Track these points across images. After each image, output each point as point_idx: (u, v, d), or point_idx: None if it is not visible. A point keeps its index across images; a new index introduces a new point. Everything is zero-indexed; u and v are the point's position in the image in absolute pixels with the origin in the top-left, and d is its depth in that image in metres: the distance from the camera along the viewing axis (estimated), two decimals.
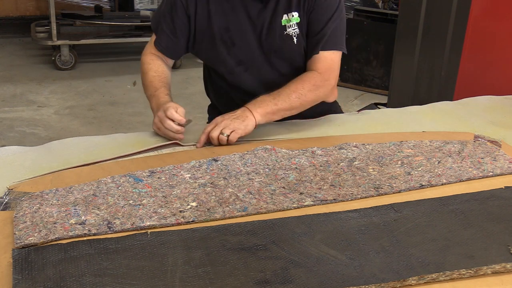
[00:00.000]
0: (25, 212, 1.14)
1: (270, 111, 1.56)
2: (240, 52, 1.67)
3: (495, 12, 2.57)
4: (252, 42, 1.66)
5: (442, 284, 0.98)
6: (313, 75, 1.64)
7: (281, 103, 1.57)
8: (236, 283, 0.95)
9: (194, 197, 1.22)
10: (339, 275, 0.97)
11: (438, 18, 2.82)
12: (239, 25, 1.64)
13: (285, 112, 1.59)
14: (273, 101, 1.56)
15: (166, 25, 1.69)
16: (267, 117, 1.56)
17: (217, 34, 1.65)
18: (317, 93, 1.63)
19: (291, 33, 1.64)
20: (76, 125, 3.70)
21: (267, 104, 1.56)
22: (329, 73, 1.66)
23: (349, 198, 1.25)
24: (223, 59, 1.69)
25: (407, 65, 3.04)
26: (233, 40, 1.66)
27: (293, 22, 1.64)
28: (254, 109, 1.54)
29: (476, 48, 2.64)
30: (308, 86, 1.61)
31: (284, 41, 1.65)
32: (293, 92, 1.59)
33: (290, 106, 1.59)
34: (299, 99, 1.59)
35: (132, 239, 1.06)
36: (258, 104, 1.56)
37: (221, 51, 1.67)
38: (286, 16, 1.64)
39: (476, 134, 1.60)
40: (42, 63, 4.86)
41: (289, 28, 1.64)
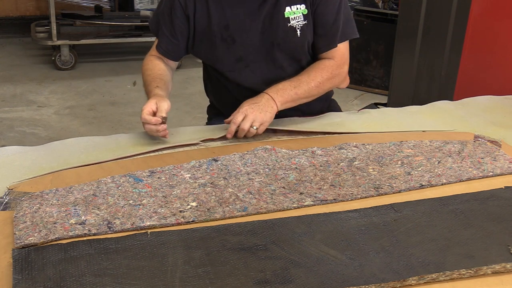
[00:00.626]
0: (25, 212, 1.14)
1: (290, 100, 1.60)
2: (241, 49, 1.67)
3: (495, 12, 2.57)
4: (253, 37, 1.65)
5: (442, 284, 0.98)
6: (330, 64, 1.68)
7: (301, 92, 1.61)
8: (236, 283, 0.95)
9: (194, 197, 1.22)
10: (339, 275, 0.97)
11: (438, 18, 2.82)
12: (239, 21, 1.64)
13: (303, 100, 1.64)
14: (294, 90, 1.60)
15: (166, 27, 1.69)
16: (287, 105, 1.60)
17: (217, 32, 1.65)
18: (334, 81, 1.69)
19: (294, 25, 1.64)
20: (76, 125, 3.70)
21: (288, 93, 1.59)
22: (344, 61, 1.71)
23: (349, 198, 1.25)
24: (222, 57, 1.68)
25: (407, 65, 3.04)
26: (233, 37, 1.65)
27: (298, 14, 1.64)
28: (276, 98, 1.57)
29: (476, 48, 2.63)
30: (326, 74, 1.66)
31: (287, 33, 1.65)
32: (312, 81, 1.63)
33: (309, 94, 1.64)
34: (318, 87, 1.64)
35: (132, 239, 1.06)
36: (280, 92, 1.58)
37: (221, 49, 1.67)
38: (290, 8, 1.64)
39: (476, 134, 1.60)
40: (42, 63, 4.86)
41: (293, 21, 1.64)
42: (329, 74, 1.66)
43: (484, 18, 2.60)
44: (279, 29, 1.64)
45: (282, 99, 1.57)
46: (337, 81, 1.71)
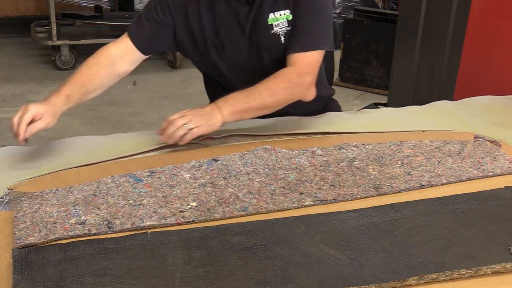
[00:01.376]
0: (25, 212, 1.14)
1: (241, 110, 1.50)
2: (231, 55, 1.64)
3: (495, 12, 2.57)
4: (241, 45, 1.63)
5: (442, 284, 0.98)
6: (289, 72, 1.57)
7: (252, 102, 1.51)
8: (236, 283, 0.95)
9: (194, 197, 1.22)
10: (339, 275, 0.97)
11: (438, 18, 2.82)
12: (228, 28, 1.62)
13: (257, 111, 1.54)
14: (244, 99, 1.51)
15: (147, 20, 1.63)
16: (237, 116, 1.51)
17: (208, 38, 1.63)
18: (292, 91, 1.56)
19: (278, 32, 1.60)
20: (76, 125, 3.70)
21: (238, 102, 1.51)
22: (307, 70, 1.58)
23: (349, 198, 1.25)
24: (214, 63, 1.66)
25: (407, 65, 3.04)
26: (223, 43, 1.63)
27: (281, 20, 1.59)
28: (223, 107, 1.49)
29: (476, 48, 2.64)
30: (282, 83, 1.54)
31: (271, 40, 1.61)
32: (265, 90, 1.52)
33: (262, 104, 1.53)
34: (271, 96, 1.52)
35: (132, 239, 1.06)
36: (229, 102, 1.50)
37: (212, 55, 1.65)
38: (273, 15, 1.58)
39: (476, 134, 1.60)
40: (42, 63, 4.86)
41: (276, 27, 1.59)
42: (285, 83, 1.54)
43: (484, 18, 2.60)
44: (263, 36, 1.61)
45: (231, 108, 1.48)
46: (297, 91, 1.57)
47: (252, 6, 1.60)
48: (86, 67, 1.59)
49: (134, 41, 1.63)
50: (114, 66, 1.62)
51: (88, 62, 1.61)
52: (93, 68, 1.59)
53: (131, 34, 1.64)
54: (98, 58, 1.61)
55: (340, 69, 4.64)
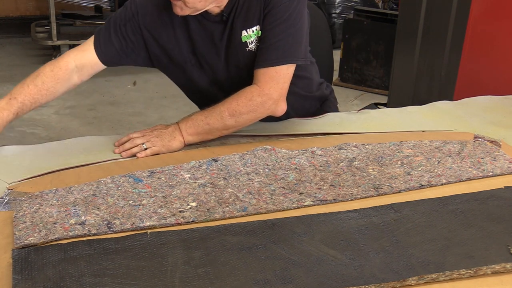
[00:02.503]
0: (25, 212, 1.14)
1: (202, 131, 1.50)
2: (210, 73, 1.61)
3: (495, 13, 2.57)
4: (219, 63, 1.59)
5: (442, 284, 0.98)
6: (251, 91, 1.51)
7: (213, 122, 1.49)
8: (236, 283, 0.95)
9: (194, 197, 1.22)
10: (339, 275, 0.97)
11: (438, 18, 2.82)
12: (204, 47, 1.57)
13: (222, 131, 1.51)
14: (205, 120, 1.49)
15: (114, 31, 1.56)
16: (200, 137, 1.50)
17: (187, 58, 1.59)
18: (255, 110, 1.50)
19: (253, 49, 1.54)
20: (76, 125, 3.70)
21: (199, 124, 1.49)
22: (270, 86, 1.50)
23: (349, 198, 1.25)
24: (195, 81, 1.63)
25: (407, 65, 3.04)
26: (200, 63, 1.59)
27: (254, 37, 1.53)
28: (185, 129, 1.49)
29: (476, 48, 2.64)
30: (243, 102, 1.49)
31: (247, 58, 1.55)
32: (226, 110, 1.48)
33: (224, 125, 1.50)
34: (233, 116, 1.48)
35: (132, 239, 1.06)
36: (190, 123, 1.49)
37: (192, 74, 1.62)
38: (246, 32, 1.53)
39: (476, 134, 1.60)
40: (42, 63, 4.83)
41: (251, 44, 1.54)
42: (246, 101, 1.49)
43: (484, 18, 2.60)
44: (238, 55, 1.56)
45: (192, 130, 1.49)
46: (261, 110, 1.51)
47: (225, 25, 1.54)
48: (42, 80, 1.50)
49: (99, 56, 1.56)
50: (72, 78, 1.56)
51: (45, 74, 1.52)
52: (49, 83, 1.51)
53: (97, 48, 1.56)
54: (57, 71, 1.53)
55: (340, 69, 4.64)
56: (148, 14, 1.55)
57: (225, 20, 1.54)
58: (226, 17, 1.53)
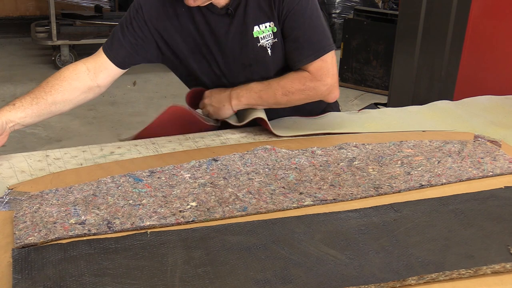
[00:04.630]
0: (25, 212, 1.14)
1: (254, 103, 1.59)
2: (217, 69, 1.62)
3: (495, 12, 2.57)
4: (226, 59, 1.60)
5: (442, 284, 0.98)
6: (304, 75, 1.57)
7: (266, 97, 1.57)
8: (236, 283, 0.95)
9: (194, 197, 1.22)
10: (339, 275, 0.97)
11: (438, 18, 2.82)
12: (209, 42, 1.58)
13: (271, 105, 1.61)
14: (258, 93, 1.57)
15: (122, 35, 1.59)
16: (250, 106, 1.60)
17: (191, 50, 1.59)
18: (308, 94, 1.57)
19: (265, 45, 1.57)
20: (76, 125, 3.70)
21: (251, 95, 1.58)
22: (321, 74, 1.57)
23: (349, 198, 1.25)
24: (197, 77, 1.64)
25: (407, 65, 3.04)
26: (205, 56, 1.60)
27: (267, 32, 1.56)
28: (238, 98, 1.58)
29: (476, 48, 2.64)
30: (297, 85, 1.56)
31: (258, 53, 1.58)
32: (280, 89, 1.56)
33: (276, 101, 1.59)
34: (285, 96, 1.57)
35: (132, 239, 1.06)
36: (244, 92, 1.58)
37: (196, 67, 1.62)
38: (258, 27, 1.55)
39: (476, 134, 1.60)
40: (42, 63, 4.86)
41: (263, 40, 1.57)
42: (300, 86, 1.56)
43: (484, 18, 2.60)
44: (249, 50, 1.57)
45: (245, 99, 1.58)
46: (312, 94, 1.58)
47: (232, 19, 1.55)
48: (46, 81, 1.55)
49: (111, 58, 1.58)
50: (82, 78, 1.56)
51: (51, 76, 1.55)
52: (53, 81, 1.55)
53: (107, 51, 1.59)
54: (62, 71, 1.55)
55: (340, 69, 4.64)
56: (152, 7, 1.56)
57: (230, 13, 1.55)
58: (232, 11, 1.54)
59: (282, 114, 1.69)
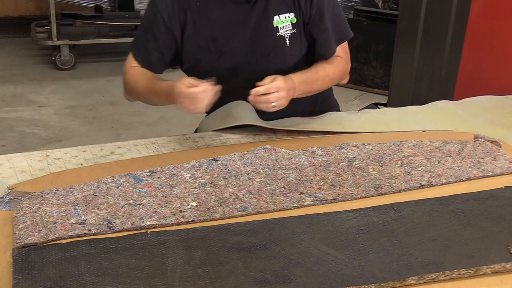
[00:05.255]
0: (25, 212, 1.14)
1: (304, 92, 1.62)
2: (230, 60, 1.62)
3: (495, 12, 2.57)
4: (242, 48, 1.60)
5: (442, 284, 0.98)
6: (340, 61, 1.71)
7: (316, 86, 1.64)
8: (236, 283, 0.95)
9: (194, 196, 1.22)
10: (339, 275, 0.97)
11: (438, 18, 2.82)
12: (227, 33, 1.59)
13: (313, 93, 1.67)
14: (311, 83, 1.62)
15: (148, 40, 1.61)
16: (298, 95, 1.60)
17: (204, 45, 1.60)
18: (340, 77, 1.73)
19: (283, 35, 1.61)
20: (76, 125, 3.70)
21: (307, 86, 1.61)
22: (348, 58, 1.76)
23: (349, 198, 1.25)
24: (210, 70, 1.61)
25: (407, 65, 3.04)
26: (221, 49, 1.60)
27: (286, 23, 1.60)
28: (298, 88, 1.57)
29: (476, 48, 2.63)
30: (338, 72, 1.70)
31: (277, 43, 1.61)
32: (327, 77, 1.66)
33: (320, 88, 1.67)
34: (330, 82, 1.69)
35: (132, 238, 1.06)
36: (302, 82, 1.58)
37: (209, 62, 1.62)
38: (278, 17, 1.60)
39: (476, 134, 1.60)
40: (42, 63, 4.86)
41: (282, 30, 1.60)
42: (340, 72, 1.70)
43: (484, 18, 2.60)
44: (268, 39, 1.60)
45: (299, 89, 1.59)
46: (343, 76, 1.75)
47: (253, 8, 1.58)
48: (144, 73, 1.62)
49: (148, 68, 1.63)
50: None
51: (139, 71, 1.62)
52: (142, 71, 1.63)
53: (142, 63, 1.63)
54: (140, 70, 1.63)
55: None
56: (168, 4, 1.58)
57: (250, 1, 1.58)
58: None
59: (284, 115, 1.69)
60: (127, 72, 1.63)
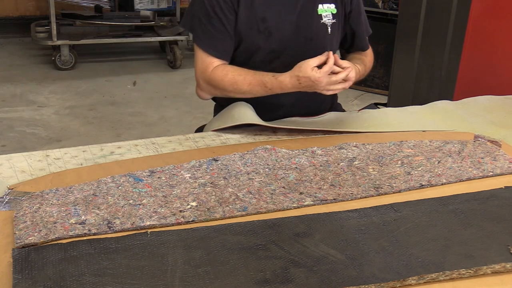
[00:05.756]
0: (25, 212, 1.14)
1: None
2: (275, 41, 1.67)
3: (495, 12, 2.57)
4: (288, 30, 1.67)
5: (442, 284, 0.98)
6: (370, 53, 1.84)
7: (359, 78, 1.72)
8: (236, 283, 0.95)
9: (194, 196, 1.22)
10: (339, 275, 0.97)
11: (438, 18, 2.82)
12: (277, 14, 1.65)
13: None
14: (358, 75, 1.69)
15: (214, 27, 1.64)
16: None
17: (254, 25, 1.65)
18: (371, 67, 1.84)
19: (326, 23, 1.70)
20: (76, 125, 3.70)
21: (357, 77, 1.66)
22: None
23: (349, 198, 1.25)
24: (255, 50, 1.68)
25: (407, 65, 3.04)
26: (270, 30, 1.66)
27: (328, 12, 1.70)
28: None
29: (476, 48, 2.63)
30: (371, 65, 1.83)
31: (319, 29, 1.70)
32: (368, 69, 1.79)
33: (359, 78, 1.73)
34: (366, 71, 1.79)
35: (132, 238, 1.06)
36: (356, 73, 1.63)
37: (256, 42, 1.67)
38: (322, 6, 1.69)
39: (476, 134, 1.60)
40: (42, 63, 4.86)
41: (325, 18, 1.70)
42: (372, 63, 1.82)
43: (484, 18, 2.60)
44: (313, 25, 1.69)
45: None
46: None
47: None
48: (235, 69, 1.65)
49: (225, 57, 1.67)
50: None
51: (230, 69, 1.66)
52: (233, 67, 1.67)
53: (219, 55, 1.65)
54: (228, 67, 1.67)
55: None
56: None
57: None
58: None
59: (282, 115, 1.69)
60: (214, 72, 1.65)
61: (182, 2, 5.25)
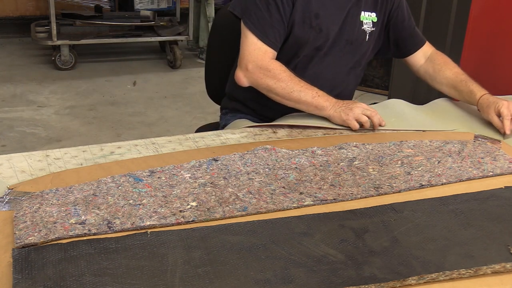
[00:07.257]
0: (25, 212, 1.14)
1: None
2: (323, 39, 1.70)
3: (495, 12, 2.57)
4: (335, 31, 1.70)
5: (442, 284, 0.98)
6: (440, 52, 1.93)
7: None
8: (236, 283, 0.95)
9: (194, 196, 1.22)
10: (339, 275, 0.97)
11: (438, 18, 2.82)
12: (329, 13, 1.68)
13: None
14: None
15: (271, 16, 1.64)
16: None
17: (307, 19, 1.67)
18: None
19: (366, 30, 1.74)
20: (76, 125, 3.70)
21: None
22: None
23: (349, 198, 1.25)
24: (302, 45, 1.70)
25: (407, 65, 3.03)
26: (320, 26, 1.69)
27: (369, 20, 1.75)
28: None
29: (476, 48, 2.63)
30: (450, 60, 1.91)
31: (359, 35, 1.74)
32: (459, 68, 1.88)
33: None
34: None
35: (132, 238, 1.06)
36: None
37: (305, 37, 1.69)
38: (364, 13, 1.74)
39: (476, 134, 1.60)
40: (42, 63, 4.86)
41: (365, 25, 1.75)
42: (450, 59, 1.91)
43: (484, 18, 2.60)
44: (355, 29, 1.73)
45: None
46: None
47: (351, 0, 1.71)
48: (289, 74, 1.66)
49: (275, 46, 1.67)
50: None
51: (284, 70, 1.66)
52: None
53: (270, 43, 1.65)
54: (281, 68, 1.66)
55: None
56: None
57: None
58: None
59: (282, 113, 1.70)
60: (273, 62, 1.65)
61: (182, 2, 5.24)
